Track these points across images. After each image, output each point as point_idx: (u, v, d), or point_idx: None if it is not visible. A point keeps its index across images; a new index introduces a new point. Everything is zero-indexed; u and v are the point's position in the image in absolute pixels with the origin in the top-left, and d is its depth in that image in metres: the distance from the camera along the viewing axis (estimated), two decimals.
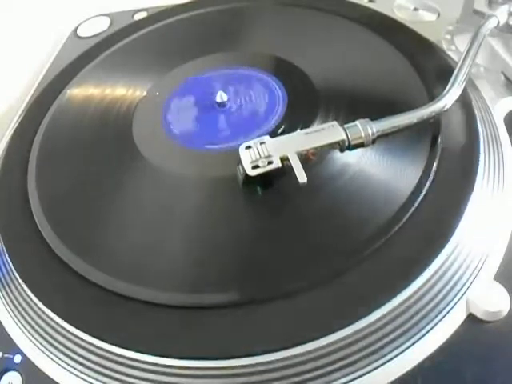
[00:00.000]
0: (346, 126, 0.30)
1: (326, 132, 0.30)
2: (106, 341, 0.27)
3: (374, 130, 0.30)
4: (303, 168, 0.29)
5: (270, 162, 0.30)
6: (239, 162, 0.30)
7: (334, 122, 0.31)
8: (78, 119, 0.39)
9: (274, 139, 0.31)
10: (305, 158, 0.30)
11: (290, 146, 0.30)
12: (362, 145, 0.30)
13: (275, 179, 0.31)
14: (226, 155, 0.33)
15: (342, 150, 0.31)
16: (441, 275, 0.27)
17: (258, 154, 0.30)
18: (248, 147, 0.30)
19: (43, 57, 0.50)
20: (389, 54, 0.38)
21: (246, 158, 0.30)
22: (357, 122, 0.30)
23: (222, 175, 0.32)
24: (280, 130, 0.34)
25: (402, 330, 0.26)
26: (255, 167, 0.30)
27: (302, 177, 0.28)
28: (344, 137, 0.30)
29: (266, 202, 0.31)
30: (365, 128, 0.30)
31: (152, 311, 0.27)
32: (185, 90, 0.39)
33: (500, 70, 0.38)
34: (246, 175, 0.30)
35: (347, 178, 0.31)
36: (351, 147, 0.30)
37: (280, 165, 0.29)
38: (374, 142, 0.30)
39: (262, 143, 0.30)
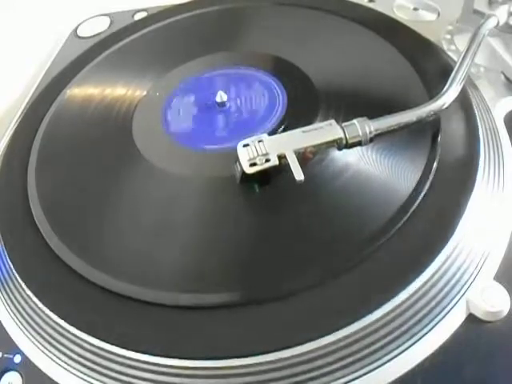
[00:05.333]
0: (343, 124, 0.30)
1: (323, 130, 0.30)
2: (105, 341, 0.27)
3: (372, 129, 0.30)
4: (302, 166, 0.29)
5: (267, 160, 0.30)
6: (237, 159, 0.30)
7: (332, 121, 0.31)
8: (77, 119, 0.39)
9: (272, 137, 0.31)
10: (303, 157, 0.30)
11: (288, 144, 0.30)
12: (359, 143, 0.30)
13: (273, 177, 0.31)
14: (226, 155, 0.33)
15: (339, 149, 0.31)
16: (441, 275, 0.27)
17: (256, 151, 0.30)
18: (246, 145, 0.31)
19: (43, 57, 0.50)
20: (389, 53, 0.38)
21: (244, 155, 0.30)
22: (355, 121, 0.30)
23: (222, 175, 0.32)
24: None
25: (401, 329, 0.26)
26: (253, 165, 0.30)
27: (298, 174, 0.29)
28: (341, 135, 0.30)
29: (266, 201, 0.31)
30: (362, 126, 0.30)
31: (152, 311, 0.27)
32: (185, 89, 0.39)
33: (500, 69, 0.38)
34: (244, 173, 0.30)
35: (347, 177, 0.31)
36: (349, 146, 0.30)
37: (277, 162, 0.29)
38: (371, 140, 0.30)
39: (259, 141, 0.30)
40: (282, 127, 0.34)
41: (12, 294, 0.31)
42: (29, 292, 0.30)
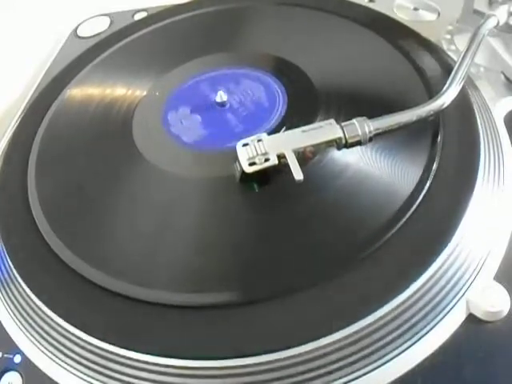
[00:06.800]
0: (343, 123, 0.30)
1: (323, 130, 0.30)
2: (106, 341, 0.27)
3: (371, 128, 0.30)
4: (302, 166, 0.29)
5: (266, 160, 0.30)
6: (236, 159, 0.30)
7: (332, 120, 0.31)
8: (77, 119, 0.39)
9: (271, 136, 0.31)
10: (303, 156, 0.30)
11: (287, 144, 0.30)
12: (359, 143, 0.30)
13: (273, 176, 0.31)
14: (226, 154, 0.33)
15: (339, 148, 0.31)
16: (441, 275, 0.27)
17: (255, 151, 0.30)
18: (245, 144, 0.31)
19: (43, 57, 0.50)
20: (388, 53, 0.38)
21: (243, 155, 0.30)
22: (354, 120, 0.30)
23: (222, 175, 0.32)
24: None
25: (401, 329, 0.26)
26: (252, 164, 0.30)
27: (298, 174, 0.29)
28: (341, 134, 0.30)
29: (265, 201, 0.31)
30: (362, 126, 0.30)
31: (152, 311, 0.27)
32: (185, 90, 0.39)
33: (500, 69, 0.38)
34: (243, 172, 0.30)
35: (346, 176, 0.31)
36: (348, 145, 0.30)
37: (276, 162, 0.30)
38: (371, 139, 0.30)
39: (259, 140, 0.30)
40: (282, 127, 0.34)
41: (12, 293, 0.31)
42: (29, 292, 0.30)
